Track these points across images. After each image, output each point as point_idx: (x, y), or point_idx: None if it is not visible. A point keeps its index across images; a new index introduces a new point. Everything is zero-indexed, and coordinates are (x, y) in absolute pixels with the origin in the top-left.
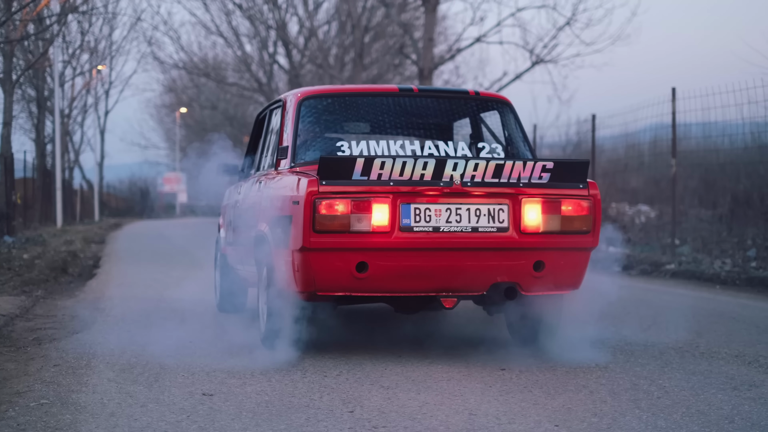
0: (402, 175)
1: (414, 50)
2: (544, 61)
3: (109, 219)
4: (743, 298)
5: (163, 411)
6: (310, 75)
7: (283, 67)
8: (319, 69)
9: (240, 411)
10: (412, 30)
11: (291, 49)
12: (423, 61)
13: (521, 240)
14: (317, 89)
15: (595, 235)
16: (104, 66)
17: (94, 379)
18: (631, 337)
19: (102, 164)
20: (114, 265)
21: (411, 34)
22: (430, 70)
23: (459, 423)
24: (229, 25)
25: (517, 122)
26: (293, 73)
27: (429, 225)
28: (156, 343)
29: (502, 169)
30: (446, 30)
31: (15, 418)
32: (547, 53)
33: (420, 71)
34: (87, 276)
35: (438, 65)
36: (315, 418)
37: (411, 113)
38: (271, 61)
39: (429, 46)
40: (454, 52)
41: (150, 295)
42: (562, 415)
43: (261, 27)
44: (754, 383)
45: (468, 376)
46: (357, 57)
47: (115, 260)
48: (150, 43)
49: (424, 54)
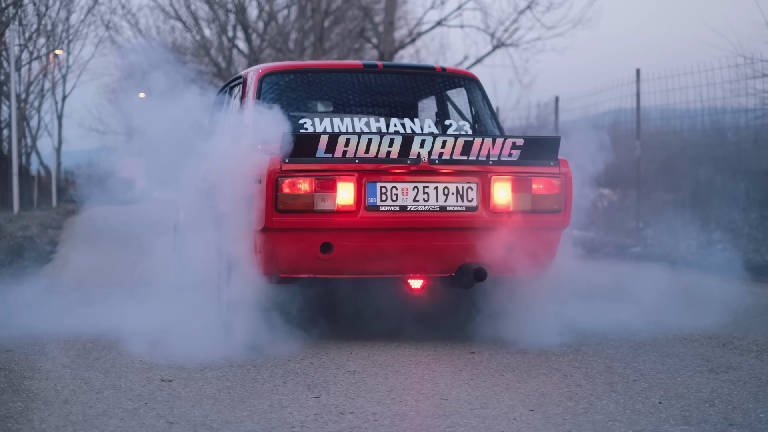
0: (368, 153)
1: (375, 34)
2: (505, 45)
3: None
4: (711, 280)
5: (119, 398)
6: (270, 59)
7: (243, 51)
8: (279, 53)
9: (200, 397)
10: (373, 14)
11: (250, 33)
12: (384, 45)
13: (491, 219)
14: (279, 65)
15: (567, 214)
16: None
17: (48, 365)
18: (601, 320)
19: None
20: (71, 249)
21: (371, 18)
22: (391, 53)
23: (430, 408)
24: (187, 9)
25: (484, 99)
26: (253, 57)
27: (396, 204)
28: (113, 327)
29: (470, 147)
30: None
31: None
32: (508, 37)
33: (381, 55)
34: (44, 261)
35: (399, 49)
36: (279, 404)
37: (376, 90)
38: (231, 46)
39: (390, 30)
40: (415, 35)
41: (107, 280)
42: (537, 399)
43: (220, 11)
44: (731, 365)
45: (437, 360)
46: (317, 41)
47: (72, 245)
48: (107, 27)
49: (384, 37)
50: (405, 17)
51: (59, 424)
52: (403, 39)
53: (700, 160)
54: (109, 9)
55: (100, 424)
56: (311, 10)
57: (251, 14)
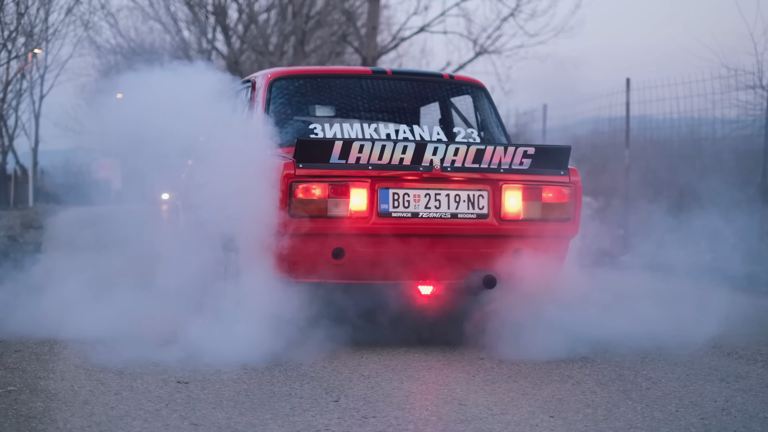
0: (381, 159)
1: (357, 39)
2: (488, 52)
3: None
4: (703, 290)
5: (139, 399)
6: (249, 62)
7: (222, 53)
8: (259, 56)
9: (220, 400)
10: (355, 18)
11: (230, 35)
12: (366, 50)
13: (501, 227)
14: (288, 70)
15: (576, 222)
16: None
17: (61, 366)
18: (603, 328)
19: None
20: (58, 250)
21: (354, 22)
22: (374, 58)
23: (450, 413)
24: (167, 10)
25: (491, 106)
26: (232, 59)
27: (408, 210)
28: (118, 328)
29: (482, 155)
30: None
31: None
32: (491, 44)
33: (363, 60)
34: (31, 261)
35: (381, 54)
36: (300, 407)
37: (384, 96)
38: (210, 48)
39: (372, 35)
40: (398, 40)
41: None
42: (554, 406)
43: (200, 12)
44: (740, 375)
45: (448, 366)
46: (298, 44)
47: (57, 245)
48: (87, 27)
49: (367, 42)
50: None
51: (84, 425)
52: (385, 44)
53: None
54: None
55: (124, 425)
56: (293, 14)
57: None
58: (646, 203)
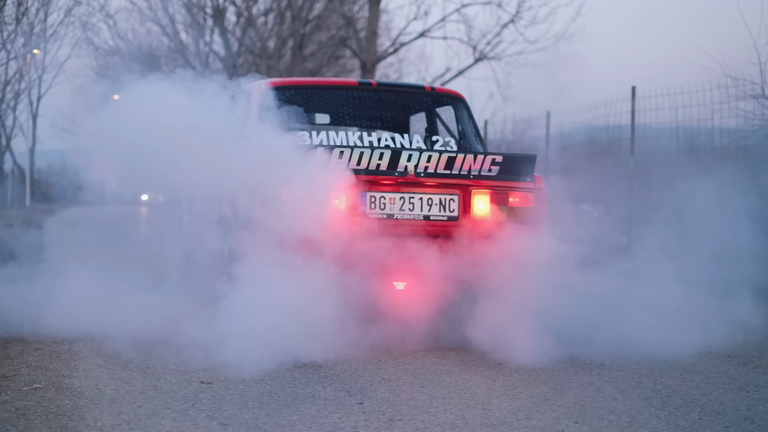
0: (359, 165)
1: (356, 43)
2: (488, 58)
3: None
4: (712, 299)
5: (165, 399)
6: (247, 65)
7: (219, 54)
8: (256, 59)
9: (245, 400)
10: (355, 23)
11: (228, 38)
12: (366, 55)
13: (470, 229)
14: (282, 80)
15: (541, 225)
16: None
17: (83, 364)
18: (617, 335)
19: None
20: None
21: (354, 27)
22: (373, 63)
23: (476, 417)
24: (165, 12)
25: (470, 117)
26: (230, 62)
27: (384, 212)
28: (135, 328)
29: (453, 161)
30: (388, 24)
31: (11, 402)
32: (490, 50)
33: (363, 64)
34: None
35: (381, 59)
36: (325, 409)
37: (369, 106)
38: (207, 50)
39: (372, 40)
40: (398, 46)
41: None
42: (578, 412)
43: (198, 15)
44: (759, 384)
45: (467, 371)
46: (296, 48)
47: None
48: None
49: (367, 47)
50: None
51: (114, 423)
52: (385, 49)
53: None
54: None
55: (154, 423)
56: (291, 17)
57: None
58: (649, 211)
